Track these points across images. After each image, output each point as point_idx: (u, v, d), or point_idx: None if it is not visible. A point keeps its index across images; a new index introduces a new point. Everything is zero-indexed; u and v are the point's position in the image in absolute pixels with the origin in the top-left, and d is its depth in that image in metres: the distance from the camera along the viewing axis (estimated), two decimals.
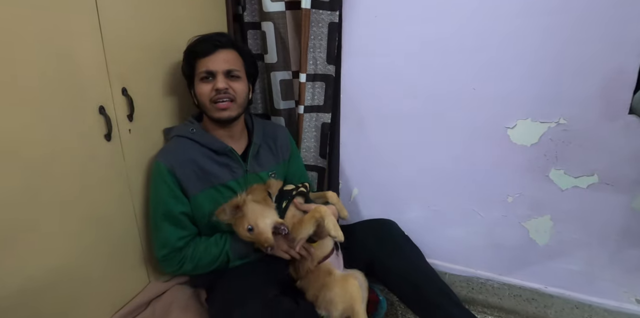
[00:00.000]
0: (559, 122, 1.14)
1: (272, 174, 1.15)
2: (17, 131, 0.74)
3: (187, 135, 1.05)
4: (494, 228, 1.33)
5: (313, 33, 1.22)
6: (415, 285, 1.07)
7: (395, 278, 1.10)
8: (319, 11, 1.18)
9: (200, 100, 1.06)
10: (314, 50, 1.24)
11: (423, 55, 1.23)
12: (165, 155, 1.03)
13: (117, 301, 1.03)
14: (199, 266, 1.03)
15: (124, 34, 0.96)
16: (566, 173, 1.18)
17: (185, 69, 1.07)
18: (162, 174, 1.00)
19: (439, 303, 1.04)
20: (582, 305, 1.29)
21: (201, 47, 1.04)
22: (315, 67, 1.26)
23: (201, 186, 1.03)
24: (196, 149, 1.05)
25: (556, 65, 1.10)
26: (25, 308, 0.81)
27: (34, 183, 0.78)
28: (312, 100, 1.30)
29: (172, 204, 1.01)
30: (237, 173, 1.08)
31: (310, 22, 1.19)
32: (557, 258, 1.28)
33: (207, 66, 1.03)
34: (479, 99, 1.21)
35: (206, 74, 1.03)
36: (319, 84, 1.28)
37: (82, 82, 0.86)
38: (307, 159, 1.39)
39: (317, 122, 1.32)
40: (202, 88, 1.04)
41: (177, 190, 1.01)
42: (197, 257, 1.03)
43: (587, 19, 1.03)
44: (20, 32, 0.73)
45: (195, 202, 1.03)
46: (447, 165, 1.32)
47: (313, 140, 1.35)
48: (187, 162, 1.02)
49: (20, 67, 0.74)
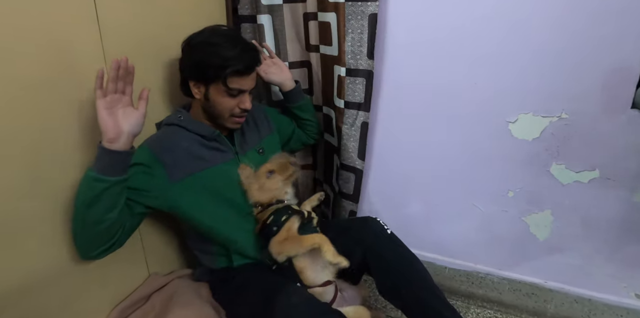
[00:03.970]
0: (561, 116, 1.13)
1: (259, 150, 1.15)
2: (14, 123, 0.74)
3: (176, 122, 1.04)
4: (494, 222, 1.33)
5: (351, 26, 1.18)
6: (417, 296, 1.03)
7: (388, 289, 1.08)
8: (357, 3, 1.16)
9: (217, 109, 1.03)
10: (352, 44, 1.20)
11: (423, 50, 1.22)
12: (151, 141, 1.01)
13: (117, 294, 1.04)
14: (76, 210, 0.86)
15: (122, 26, 0.95)
16: (567, 168, 1.17)
17: (206, 73, 0.98)
18: (141, 155, 0.95)
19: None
20: (582, 299, 1.29)
21: (244, 65, 0.98)
22: (355, 62, 1.22)
23: (191, 170, 1.00)
24: (185, 135, 1.03)
25: (559, 59, 1.08)
26: (27, 302, 0.81)
27: (32, 176, 0.78)
28: (353, 96, 1.26)
29: (132, 180, 0.93)
30: (228, 155, 1.08)
31: (346, 15, 1.16)
32: (557, 252, 1.28)
33: (241, 85, 1.00)
34: (480, 93, 1.20)
35: (237, 92, 1.01)
36: (360, 79, 1.24)
37: (81, 74, 0.85)
38: (346, 159, 1.33)
39: (357, 121, 1.27)
40: (226, 101, 1.01)
41: (146, 172, 0.96)
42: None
43: (591, 13, 1.02)
44: (18, 23, 0.72)
45: (185, 186, 1.00)
46: (447, 160, 1.32)
47: (352, 140, 1.29)
48: (176, 147, 1.00)
49: (18, 58, 0.73)
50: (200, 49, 0.99)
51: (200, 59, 0.98)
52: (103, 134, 0.82)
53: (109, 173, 0.83)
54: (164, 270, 1.19)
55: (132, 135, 0.86)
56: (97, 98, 0.81)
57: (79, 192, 0.84)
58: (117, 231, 0.90)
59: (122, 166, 0.86)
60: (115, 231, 0.90)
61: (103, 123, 0.81)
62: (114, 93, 0.83)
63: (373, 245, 1.08)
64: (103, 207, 0.84)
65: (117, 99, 0.84)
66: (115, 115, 0.83)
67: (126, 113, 0.85)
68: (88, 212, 0.83)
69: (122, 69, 0.81)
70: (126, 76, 0.83)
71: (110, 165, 0.83)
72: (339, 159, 1.36)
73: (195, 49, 1.00)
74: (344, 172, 1.36)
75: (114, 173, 0.83)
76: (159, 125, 1.08)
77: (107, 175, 0.82)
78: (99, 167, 0.82)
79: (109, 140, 0.82)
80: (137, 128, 0.87)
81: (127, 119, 0.85)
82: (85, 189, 0.83)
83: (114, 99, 0.83)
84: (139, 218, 0.98)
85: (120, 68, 0.81)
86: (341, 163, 1.35)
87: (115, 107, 0.83)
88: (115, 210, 0.87)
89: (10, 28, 0.71)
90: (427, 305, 1.02)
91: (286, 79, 1.26)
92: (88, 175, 0.82)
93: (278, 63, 1.28)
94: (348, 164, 1.33)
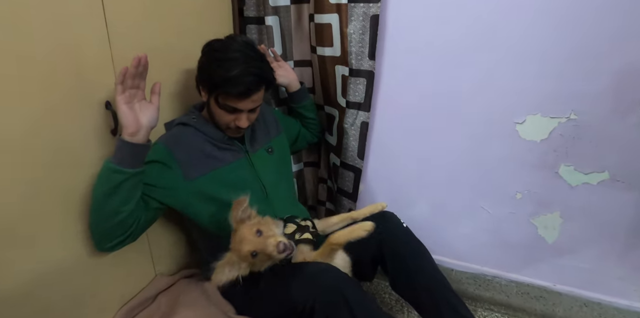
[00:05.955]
0: (570, 117, 1.12)
1: (269, 149, 1.17)
2: (23, 124, 0.75)
3: (189, 123, 1.06)
4: (502, 224, 1.32)
5: (353, 27, 1.18)
6: (427, 289, 1.06)
7: (405, 281, 1.10)
8: (359, 4, 1.16)
9: (215, 118, 1.05)
10: (354, 44, 1.20)
11: (433, 52, 1.21)
12: (167, 138, 1.03)
13: (125, 294, 1.05)
14: (94, 201, 0.88)
15: (130, 28, 0.95)
16: (576, 170, 1.16)
17: (205, 83, 1.02)
18: (158, 153, 0.98)
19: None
20: (591, 303, 1.27)
21: (238, 91, 0.96)
22: (357, 62, 1.22)
23: (205, 169, 1.03)
24: (198, 135, 1.05)
25: (567, 59, 1.07)
26: (36, 301, 0.82)
27: (40, 176, 0.79)
28: (354, 96, 1.27)
29: (149, 176, 0.96)
30: (239, 154, 1.09)
31: (349, 16, 1.17)
32: (566, 255, 1.27)
33: (236, 105, 0.99)
34: (487, 95, 1.19)
35: (232, 109, 1.01)
36: (360, 80, 1.25)
37: (89, 77, 0.86)
38: (346, 158, 1.36)
39: (357, 120, 1.29)
40: (222, 114, 1.02)
41: (162, 169, 0.98)
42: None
43: (600, 13, 1.01)
44: (27, 26, 0.73)
45: (199, 185, 1.02)
46: (455, 161, 1.31)
47: (352, 139, 1.31)
48: (189, 146, 1.02)
49: (27, 59, 0.74)
50: (207, 59, 1.01)
51: (204, 69, 1.01)
52: (124, 128, 0.85)
53: (128, 165, 0.86)
54: (170, 270, 1.20)
55: (150, 128, 0.90)
56: (118, 93, 0.84)
57: (98, 184, 0.87)
58: (132, 224, 0.93)
59: (140, 158, 0.89)
60: (130, 224, 0.92)
61: (124, 117, 0.85)
62: (131, 88, 0.86)
63: (389, 237, 1.10)
64: (120, 198, 0.87)
65: (134, 93, 0.87)
66: (134, 110, 0.87)
67: (142, 107, 0.89)
68: (106, 202, 0.87)
69: (141, 65, 0.84)
70: (142, 72, 0.86)
71: (129, 158, 0.86)
72: (337, 157, 1.39)
73: (205, 57, 1.03)
74: (344, 171, 1.38)
75: (132, 165, 0.87)
76: (169, 125, 1.10)
77: (126, 167, 0.86)
78: (118, 159, 0.85)
79: (130, 134, 0.85)
80: (154, 121, 0.91)
81: (145, 112, 0.89)
82: (104, 181, 0.86)
83: (132, 94, 0.87)
84: (154, 214, 1.00)
85: (140, 65, 0.84)
86: (341, 162, 1.37)
87: (132, 102, 0.87)
88: (131, 202, 0.90)
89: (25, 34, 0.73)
90: (442, 300, 1.04)
91: (292, 79, 1.30)
92: (107, 166, 0.85)
93: (284, 66, 1.30)
94: (348, 163, 1.36)
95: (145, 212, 0.96)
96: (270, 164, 1.16)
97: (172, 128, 1.08)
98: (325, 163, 1.55)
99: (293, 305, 0.90)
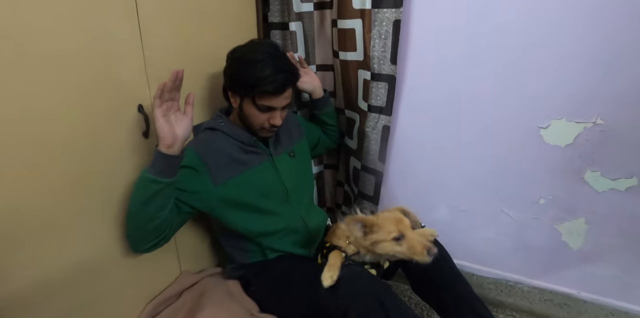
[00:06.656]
0: (596, 122, 1.10)
1: (291, 153, 1.20)
2: (62, 124, 0.80)
3: (217, 127, 1.09)
4: (524, 229, 1.30)
5: (376, 32, 1.20)
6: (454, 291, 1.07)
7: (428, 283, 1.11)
8: (382, 10, 1.18)
9: (248, 120, 1.08)
10: (376, 49, 1.22)
11: (455, 57, 1.21)
12: (196, 144, 1.06)
13: (151, 290, 1.09)
14: (132, 208, 0.92)
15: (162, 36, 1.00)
16: (603, 176, 1.14)
17: (239, 88, 1.04)
18: (189, 158, 1.00)
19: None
20: (618, 312, 1.24)
21: (274, 87, 1.00)
22: (378, 67, 1.24)
23: (232, 173, 1.06)
24: (226, 139, 1.08)
25: (593, 62, 1.06)
26: (65, 295, 0.86)
27: (75, 176, 0.84)
28: (375, 100, 1.28)
29: (180, 181, 0.98)
30: (263, 157, 1.12)
31: (372, 21, 1.19)
32: (592, 262, 1.24)
33: (272, 103, 1.03)
34: (510, 99, 1.18)
35: (267, 109, 1.05)
36: (382, 84, 1.26)
37: (123, 81, 0.91)
38: (367, 161, 1.37)
39: (378, 124, 1.31)
40: (256, 115, 1.05)
41: (193, 174, 1.01)
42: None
43: (626, 14, 0.99)
44: (67, 35, 0.78)
45: (226, 189, 1.05)
46: (477, 165, 1.31)
47: (373, 143, 1.33)
48: (218, 151, 1.05)
49: (66, 65, 0.79)
50: (237, 64, 1.05)
51: (236, 74, 1.04)
52: (160, 140, 0.89)
53: (164, 176, 0.89)
54: (195, 268, 1.23)
55: (184, 140, 0.93)
56: (156, 107, 0.88)
57: (135, 192, 0.91)
58: (165, 228, 0.97)
59: (175, 169, 0.93)
60: (164, 228, 0.97)
61: (161, 130, 0.88)
62: (168, 101, 0.90)
63: None
64: (156, 205, 0.91)
65: (170, 105, 0.91)
66: (170, 122, 0.90)
67: (177, 118, 0.92)
68: (143, 210, 0.91)
69: (178, 79, 0.88)
70: (178, 85, 0.90)
71: (165, 169, 0.90)
72: (358, 161, 1.40)
73: (233, 63, 1.06)
74: (365, 174, 1.39)
75: (168, 176, 0.90)
76: (196, 129, 1.13)
77: (162, 177, 0.89)
78: (156, 169, 0.89)
79: (167, 146, 0.89)
80: (188, 133, 0.94)
81: (179, 124, 0.92)
82: (141, 190, 0.90)
83: (168, 106, 0.90)
84: (185, 217, 1.04)
85: (177, 79, 0.88)
86: (362, 165, 1.38)
87: (168, 114, 0.90)
88: (166, 208, 0.94)
89: (65, 41, 0.78)
90: (465, 305, 1.05)
91: (317, 86, 1.32)
92: (144, 176, 0.89)
93: (309, 72, 1.33)
94: (369, 166, 1.37)
95: (177, 216, 1.00)
96: (292, 168, 1.19)
97: (199, 132, 1.12)
98: (344, 166, 1.56)
99: (323, 307, 0.91)
